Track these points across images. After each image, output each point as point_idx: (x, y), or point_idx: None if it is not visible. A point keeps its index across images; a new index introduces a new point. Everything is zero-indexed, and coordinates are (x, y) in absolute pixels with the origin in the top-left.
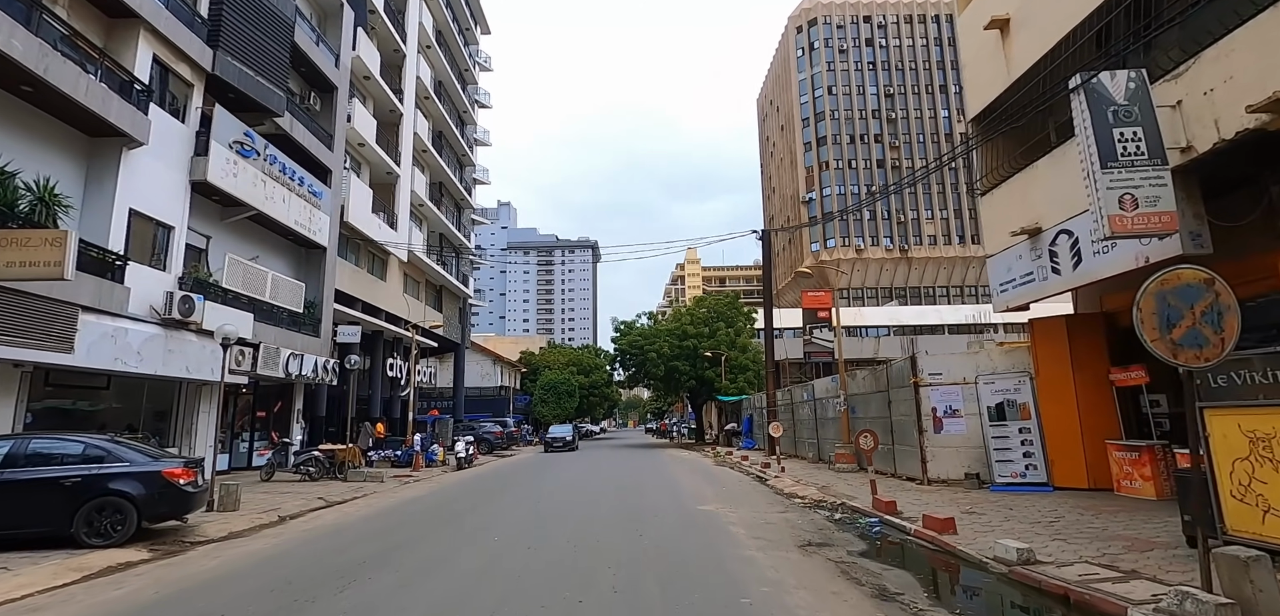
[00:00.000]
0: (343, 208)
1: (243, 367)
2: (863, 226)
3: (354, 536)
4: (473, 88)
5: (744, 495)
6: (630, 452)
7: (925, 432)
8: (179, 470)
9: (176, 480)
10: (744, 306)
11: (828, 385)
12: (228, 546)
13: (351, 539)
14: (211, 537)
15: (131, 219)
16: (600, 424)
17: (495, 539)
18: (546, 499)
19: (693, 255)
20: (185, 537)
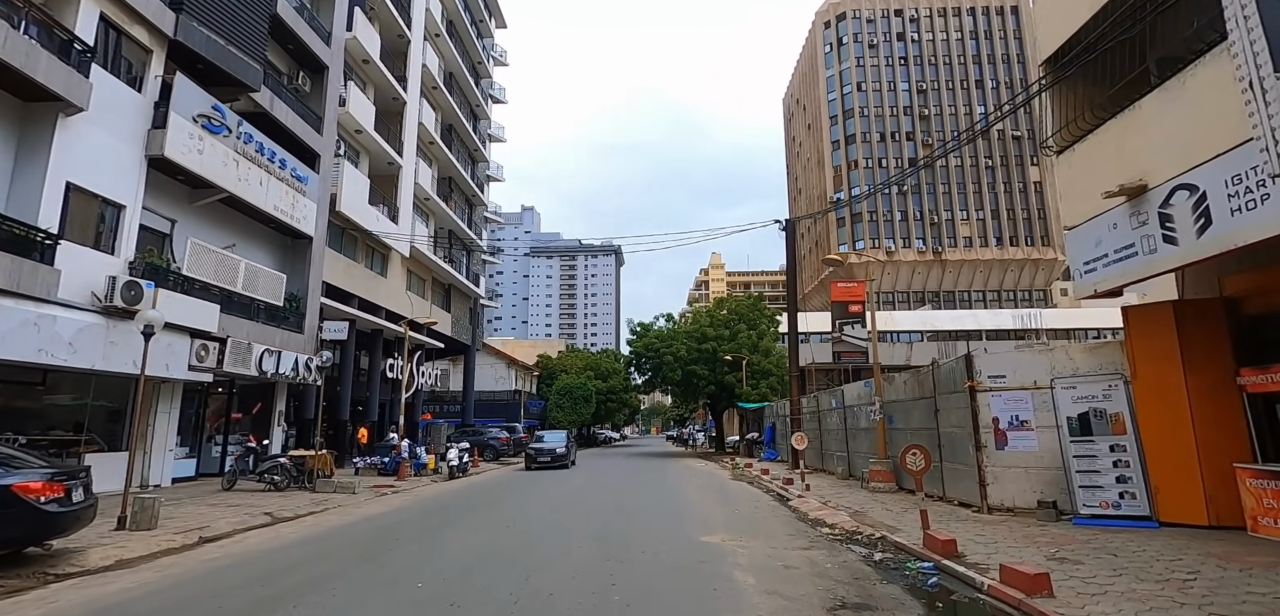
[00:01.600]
0: (335, 197)
1: (206, 364)
2: (894, 228)
3: (259, 571)
4: (487, 82)
5: (759, 521)
6: (641, 463)
7: (984, 449)
8: (36, 484)
9: (31, 497)
10: (768, 308)
11: (860, 390)
12: (92, 583)
13: (254, 574)
14: (88, 567)
15: (69, 194)
16: (621, 430)
17: (417, 588)
18: (518, 524)
19: (717, 260)
20: (46, 569)
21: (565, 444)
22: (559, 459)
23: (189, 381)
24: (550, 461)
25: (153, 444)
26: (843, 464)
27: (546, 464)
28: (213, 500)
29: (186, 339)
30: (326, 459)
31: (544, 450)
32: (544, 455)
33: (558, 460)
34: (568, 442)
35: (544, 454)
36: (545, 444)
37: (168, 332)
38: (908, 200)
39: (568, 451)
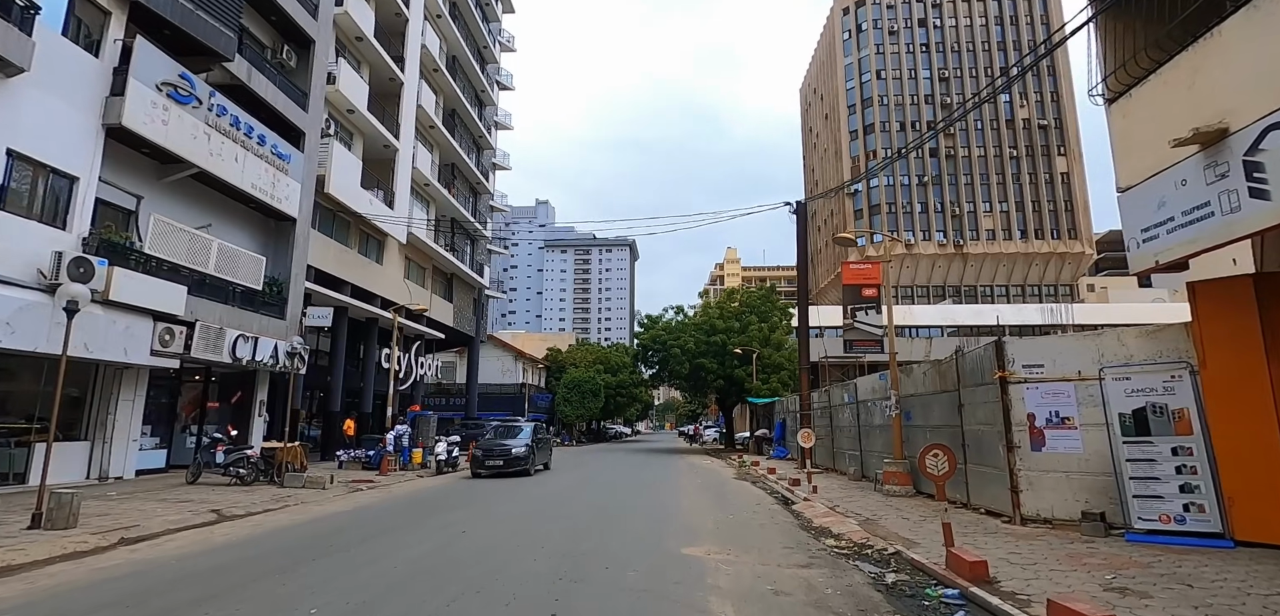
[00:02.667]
0: (323, 178)
1: (172, 349)
2: (913, 220)
3: (145, 585)
4: (493, 67)
5: (755, 529)
6: (642, 459)
7: (1017, 449)
8: None
9: None
10: (780, 300)
11: (875, 384)
12: None
13: (136, 590)
14: None
15: (11, 162)
16: (634, 426)
17: (328, 609)
18: (477, 530)
19: (732, 254)
20: None
21: (527, 443)
22: (516, 463)
23: (154, 367)
24: (502, 466)
25: (113, 433)
26: (855, 464)
27: (498, 470)
28: (166, 495)
29: (148, 321)
30: (297, 451)
31: (495, 451)
32: (494, 458)
33: (514, 464)
34: (531, 441)
35: (494, 456)
36: (497, 443)
37: (126, 314)
38: (928, 191)
39: (530, 454)
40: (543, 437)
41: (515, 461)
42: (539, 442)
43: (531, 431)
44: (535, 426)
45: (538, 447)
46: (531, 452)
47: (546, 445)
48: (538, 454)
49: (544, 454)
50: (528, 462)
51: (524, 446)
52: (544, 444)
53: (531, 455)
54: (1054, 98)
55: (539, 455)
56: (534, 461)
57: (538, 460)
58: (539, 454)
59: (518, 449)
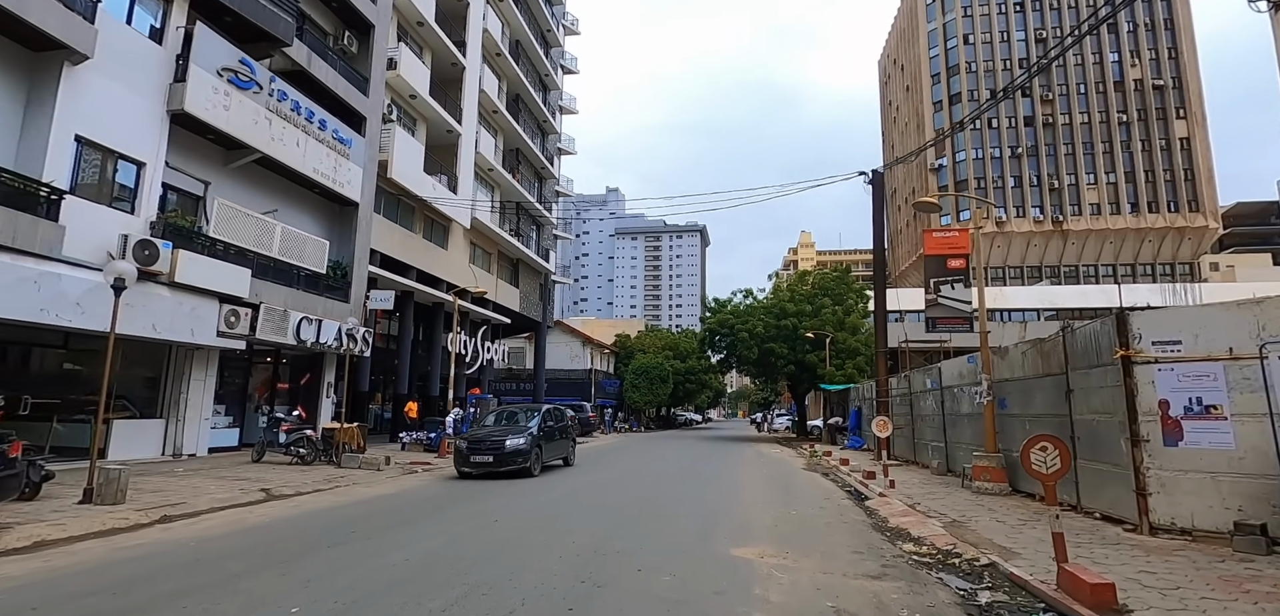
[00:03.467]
0: (386, 164)
1: (238, 330)
2: (1006, 195)
3: (156, 567)
4: (557, 51)
5: (822, 527)
6: (708, 447)
7: (1145, 444)
8: None
9: None
10: (856, 282)
11: (962, 368)
12: None
13: (144, 572)
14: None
15: (80, 148)
16: (705, 413)
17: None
18: (510, 520)
19: (806, 238)
20: None
21: (530, 435)
22: (511, 460)
23: (223, 349)
24: (492, 464)
25: (186, 412)
26: (939, 456)
27: (488, 469)
28: (227, 473)
29: (214, 303)
30: (355, 432)
31: (483, 444)
32: (482, 453)
33: (509, 462)
34: (537, 432)
35: (482, 449)
36: (488, 433)
37: (192, 296)
38: (1022, 164)
39: (532, 448)
40: (562, 427)
41: (510, 458)
42: (555, 433)
43: (541, 420)
44: (549, 414)
45: (552, 440)
46: (537, 447)
47: (567, 436)
48: (550, 448)
49: (560, 448)
50: (529, 460)
51: (524, 439)
52: (563, 434)
53: (536, 450)
54: (1172, 54)
55: (553, 449)
56: (541, 458)
57: (552, 455)
58: (553, 448)
59: (515, 442)
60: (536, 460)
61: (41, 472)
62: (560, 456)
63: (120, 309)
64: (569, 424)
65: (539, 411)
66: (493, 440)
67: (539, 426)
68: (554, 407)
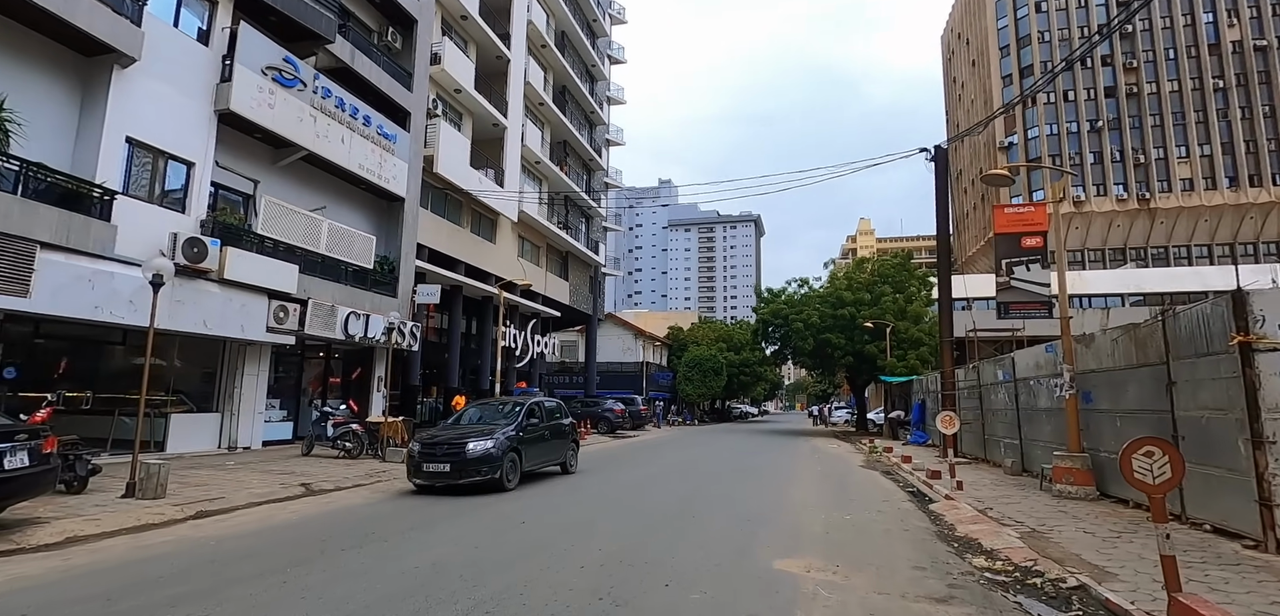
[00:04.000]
0: (432, 159)
1: (287, 325)
2: (1084, 172)
3: (175, 569)
4: (604, 40)
5: (879, 535)
6: (760, 441)
7: (1271, 445)
8: None
9: None
10: (919, 269)
11: (1039, 357)
12: None
13: (158, 575)
14: (23, 546)
15: (132, 150)
16: (762, 406)
17: None
18: (536, 520)
19: (866, 225)
20: None
21: (502, 441)
22: (474, 470)
23: (274, 344)
24: (449, 474)
25: (240, 406)
26: (1012, 455)
27: (445, 481)
28: (274, 466)
29: (263, 299)
30: (397, 427)
31: (440, 448)
32: (437, 460)
33: (471, 471)
34: (512, 437)
35: (437, 455)
36: (447, 439)
37: (241, 292)
38: (1103, 138)
39: (503, 457)
40: (555, 426)
41: (472, 467)
42: (543, 433)
43: (522, 417)
44: (534, 410)
45: (538, 443)
46: (513, 452)
47: (564, 437)
48: (535, 452)
49: (552, 451)
50: (499, 469)
51: (492, 443)
52: (557, 435)
53: (512, 457)
54: (1277, 11)
55: (541, 453)
56: (520, 465)
57: (539, 460)
58: (540, 451)
59: (479, 446)
60: (512, 469)
61: (88, 466)
62: (555, 461)
63: (172, 306)
64: (566, 424)
65: (521, 406)
66: (452, 444)
67: (519, 426)
68: (541, 403)
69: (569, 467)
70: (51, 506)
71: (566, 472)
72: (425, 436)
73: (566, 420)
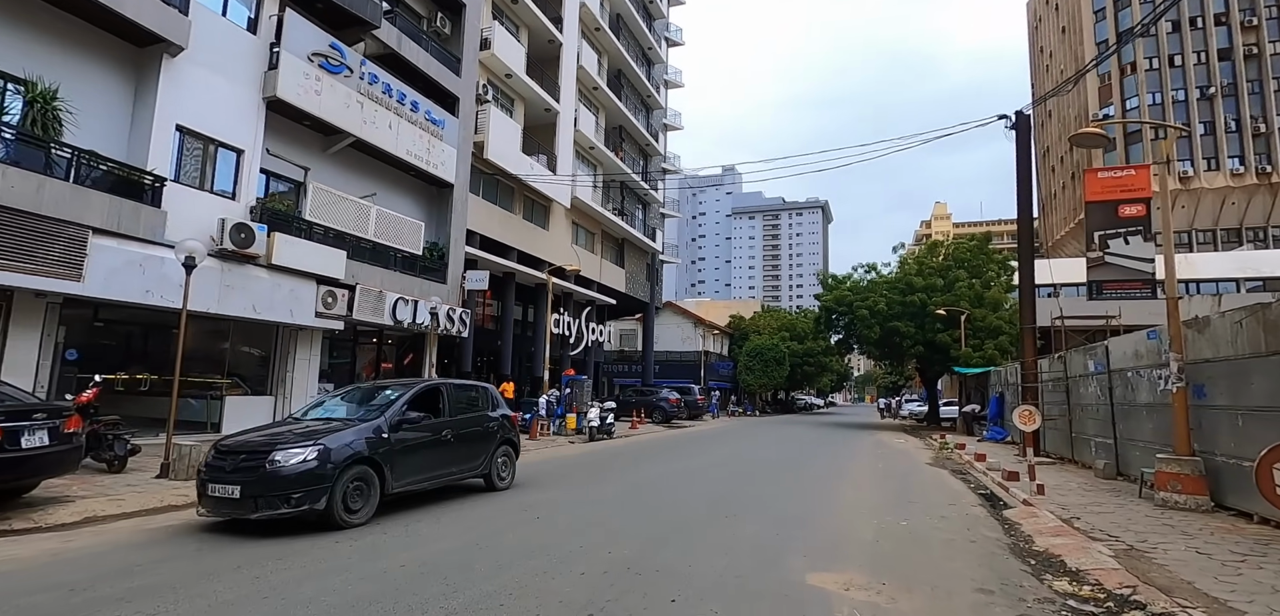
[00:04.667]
0: (482, 144)
1: (335, 311)
2: (1192, 145)
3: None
4: (661, 22)
5: (939, 546)
6: (819, 433)
7: None
8: None
9: None
10: (997, 252)
11: (1139, 345)
12: None
13: (127, 566)
14: (41, 525)
15: (182, 138)
16: (828, 397)
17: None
18: (554, 514)
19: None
20: None
21: (341, 451)
22: (288, 494)
23: (324, 329)
24: (239, 500)
25: (292, 389)
26: (1105, 455)
27: (232, 507)
28: None
29: (312, 284)
30: None
31: (226, 467)
32: (225, 479)
33: (273, 498)
34: (361, 445)
35: (226, 472)
36: (244, 446)
37: (290, 278)
38: (1215, 106)
39: (338, 475)
40: (469, 422)
41: (278, 493)
42: (444, 436)
43: (398, 408)
44: (425, 397)
45: (433, 446)
46: (366, 466)
47: (488, 438)
48: (425, 460)
49: (465, 457)
50: (322, 495)
51: (315, 454)
52: (478, 438)
53: (361, 474)
54: None
55: (440, 460)
56: (385, 483)
57: (440, 470)
58: (440, 458)
59: (292, 461)
60: (361, 493)
61: (128, 446)
62: (473, 470)
63: (222, 291)
64: (492, 419)
65: (402, 394)
66: (251, 453)
67: (388, 423)
68: (442, 389)
69: (496, 481)
70: (85, 485)
71: (492, 487)
72: (221, 441)
73: (494, 413)
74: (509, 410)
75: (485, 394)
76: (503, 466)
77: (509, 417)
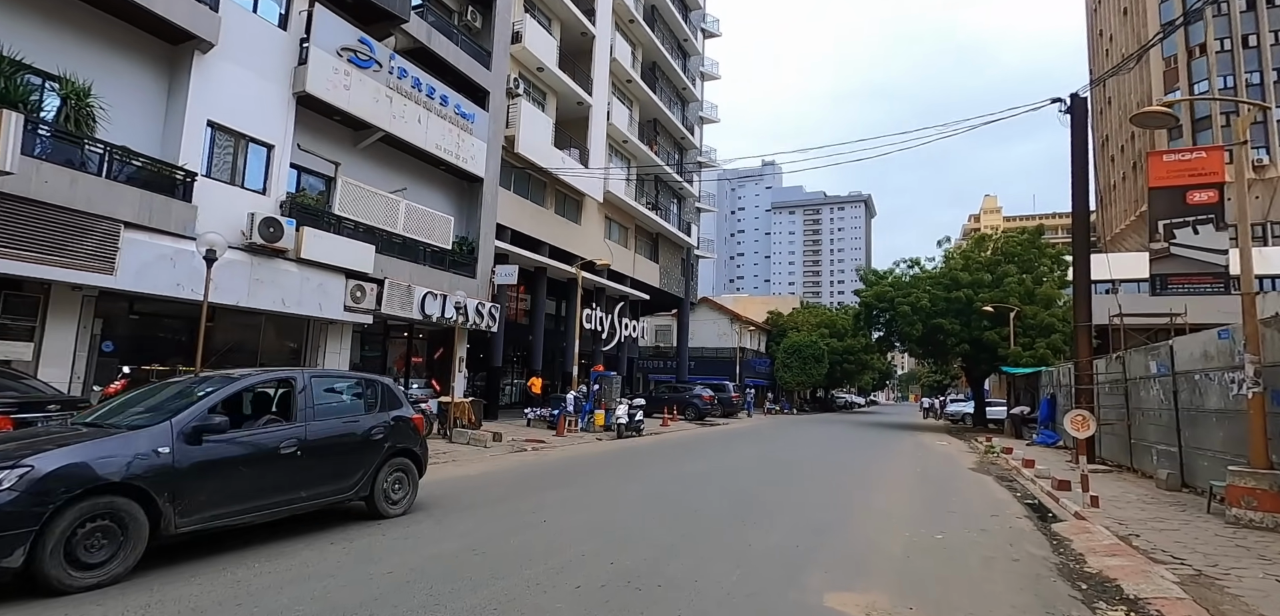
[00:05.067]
0: (513, 138)
1: (364, 305)
2: (1269, 131)
3: None
4: (697, 13)
5: (977, 565)
6: (856, 434)
7: None
8: None
9: None
10: (1050, 247)
11: (1208, 345)
12: None
13: None
14: None
15: (213, 133)
16: (870, 396)
17: None
18: (563, 517)
19: (991, 203)
20: None
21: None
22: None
23: (353, 323)
24: None
25: None
26: (1169, 465)
27: None
28: None
29: (340, 279)
30: (466, 408)
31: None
32: None
33: None
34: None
35: None
36: None
37: (318, 272)
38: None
39: (46, 515)
40: (337, 432)
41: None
42: (277, 448)
43: (184, 423)
44: (246, 396)
45: (249, 466)
46: (121, 499)
47: (371, 448)
48: (236, 487)
49: (332, 473)
50: (18, 544)
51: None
52: (336, 451)
53: (80, 516)
54: None
55: (280, 486)
56: (129, 536)
57: (287, 488)
58: (274, 483)
59: None
60: (106, 545)
61: None
62: (342, 492)
63: (252, 284)
64: (375, 427)
65: (220, 386)
66: None
67: (185, 428)
68: (290, 380)
69: (383, 505)
70: None
71: (377, 513)
72: None
73: (385, 415)
74: (411, 411)
75: (377, 391)
76: (396, 486)
77: (409, 421)
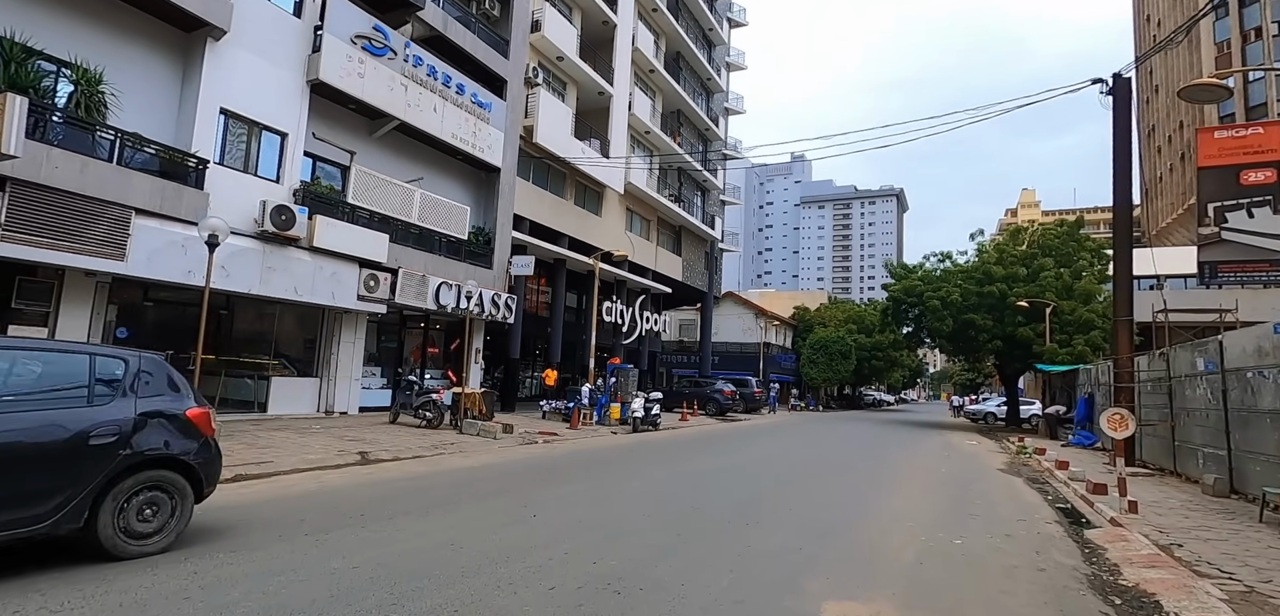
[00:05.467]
0: (531, 128)
1: (377, 294)
2: None
3: None
4: (722, 2)
5: (996, 575)
6: (880, 432)
7: None
8: None
9: None
10: (1089, 240)
11: (1262, 341)
12: None
13: None
14: None
15: (226, 121)
16: (900, 393)
17: None
18: (556, 514)
19: (1029, 196)
20: None
21: None
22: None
23: (366, 312)
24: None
25: (336, 372)
26: (1216, 468)
27: None
28: (355, 433)
29: (354, 268)
30: (477, 399)
31: None
32: None
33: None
34: None
35: None
36: None
37: (331, 260)
38: None
39: None
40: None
41: None
42: None
43: None
44: None
45: None
46: None
47: (81, 456)
48: None
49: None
50: None
51: None
52: (57, 455)
53: None
54: None
55: None
56: None
57: None
58: None
59: None
60: None
61: None
62: (47, 517)
63: (264, 272)
64: (105, 427)
65: None
66: None
67: None
68: None
69: (116, 537)
70: None
71: (108, 554)
72: None
73: (122, 411)
74: (188, 404)
75: (126, 374)
76: (148, 510)
77: (177, 419)
